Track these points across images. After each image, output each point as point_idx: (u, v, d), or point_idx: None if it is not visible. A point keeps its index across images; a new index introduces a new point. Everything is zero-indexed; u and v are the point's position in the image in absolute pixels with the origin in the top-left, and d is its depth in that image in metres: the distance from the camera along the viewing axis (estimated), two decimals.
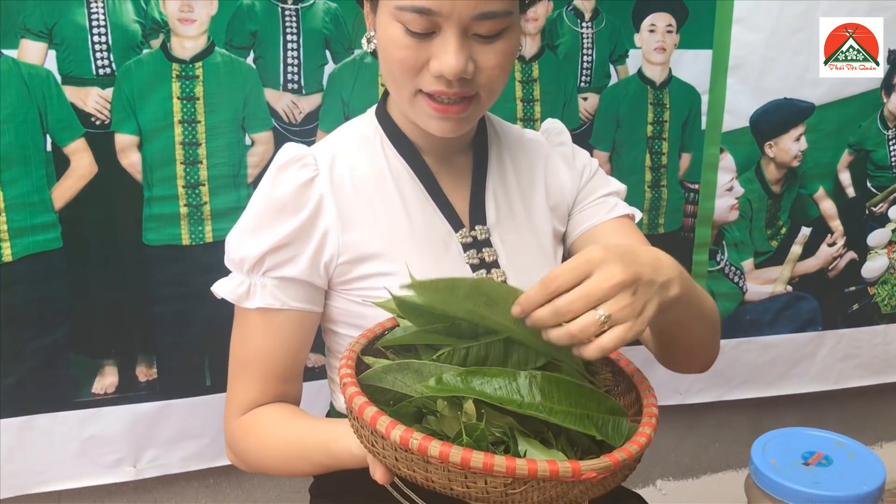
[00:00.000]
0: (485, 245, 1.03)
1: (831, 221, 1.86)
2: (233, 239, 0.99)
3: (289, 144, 1.00)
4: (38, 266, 1.35)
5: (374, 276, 0.98)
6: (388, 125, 1.03)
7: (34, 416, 1.40)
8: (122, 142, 1.35)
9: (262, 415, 1.00)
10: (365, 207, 0.99)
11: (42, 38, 1.28)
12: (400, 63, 0.89)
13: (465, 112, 0.92)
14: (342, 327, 1.02)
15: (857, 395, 2.08)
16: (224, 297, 0.99)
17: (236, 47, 1.38)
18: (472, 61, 0.89)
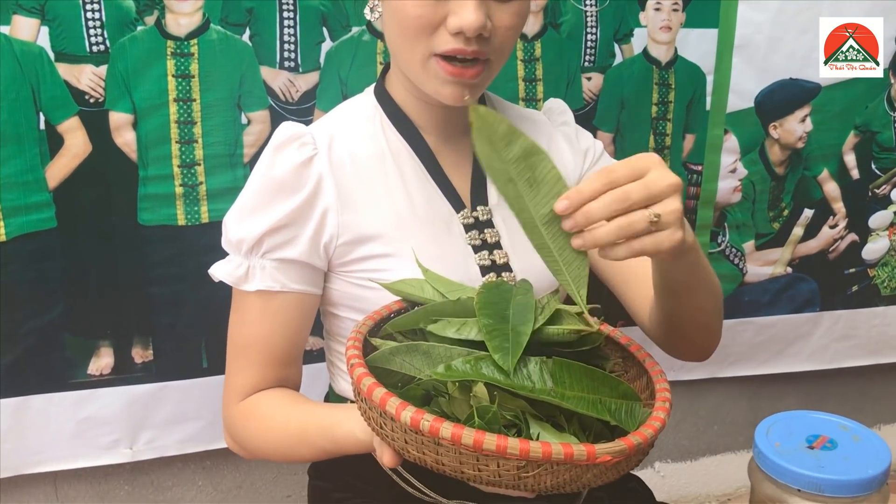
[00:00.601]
0: (486, 226, 1.01)
1: (834, 203, 1.84)
2: (230, 220, 0.97)
3: (286, 123, 0.98)
4: (32, 246, 1.33)
5: (374, 257, 0.96)
6: (387, 104, 1.02)
7: (29, 397, 1.39)
8: (116, 120, 1.33)
9: (262, 400, 0.99)
10: (365, 187, 0.97)
11: (34, 13, 1.25)
12: (416, 20, 0.87)
13: (478, 77, 0.91)
14: (342, 310, 1.01)
15: (857, 376, 2.08)
16: (222, 279, 0.98)
17: (232, 24, 1.35)
18: (490, 20, 0.87)
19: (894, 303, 1.99)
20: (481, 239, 1.00)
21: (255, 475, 1.65)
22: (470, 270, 0.98)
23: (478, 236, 1.00)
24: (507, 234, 1.02)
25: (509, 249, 1.01)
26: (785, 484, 0.93)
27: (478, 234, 1.00)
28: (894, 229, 1.92)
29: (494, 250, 1.00)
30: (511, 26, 0.90)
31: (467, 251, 0.99)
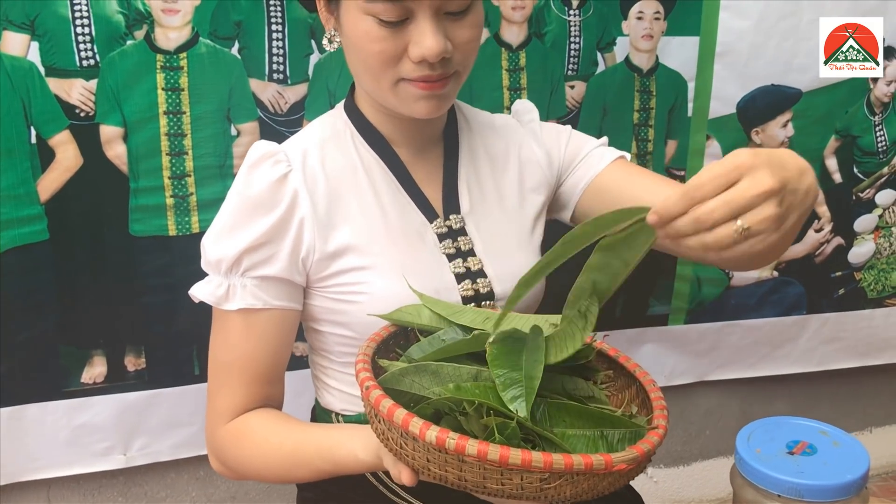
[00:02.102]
0: (460, 234, 1.03)
1: (818, 207, 1.86)
2: (208, 241, 0.97)
3: (259, 142, 0.98)
4: (25, 258, 1.35)
5: (350, 270, 0.97)
6: (357, 119, 1.03)
7: (24, 406, 1.41)
8: (107, 133, 1.35)
9: (252, 421, 0.99)
10: (338, 202, 0.98)
11: (24, 29, 1.28)
12: (378, 55, 0.88)
13: (447, 87, 0.93)
14: (324, 325, 1.02)
15: (847, 380, 2.10)
16: (203, 300, 0.97)
17: (221, 38, 1.37)
18: (448, 40, 0.89)
19: (881, 305, 2.01)
20: (455, 247, 1.01)
21: (248, 485, 1.67)
22: (445, 279, 0.99)
23: (451, 245, 1.01)
24: (480, 241, 1.03)
25: (483, 256, 1.02)
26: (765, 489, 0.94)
27: (451, 242, 1.02)
28: (879, 233, 1.94)
29: (468, 258, 1.01)
30: (470, 39, 0.92)
31: (442, 260, 1.00)
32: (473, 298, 1.00)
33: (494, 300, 1.01)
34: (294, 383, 1.42)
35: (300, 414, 1.22)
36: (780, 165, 0.68)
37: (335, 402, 1.06)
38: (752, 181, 0.66)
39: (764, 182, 0.66)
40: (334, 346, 1.03)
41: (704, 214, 0.65)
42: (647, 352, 1.87)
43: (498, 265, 1.03)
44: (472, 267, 1.01)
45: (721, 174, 0.66)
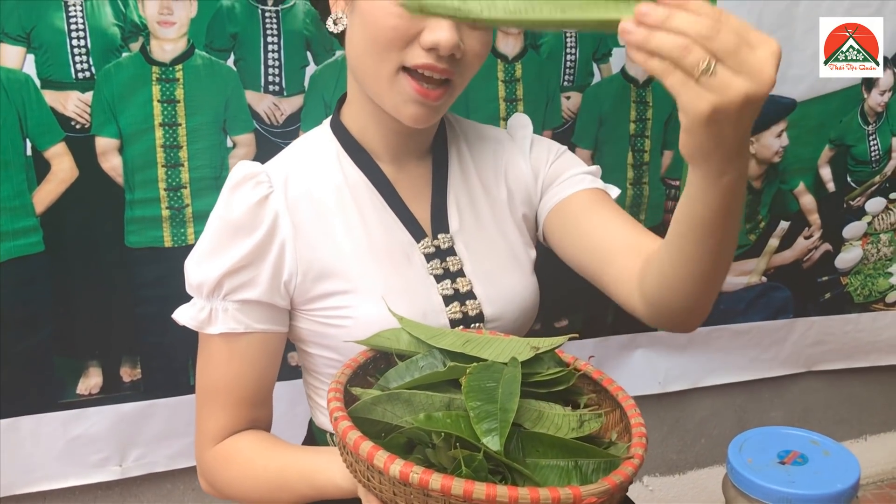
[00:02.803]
0: (448, 254, 1.01)
1: (810, 215, 1.88)
2: (190, 264, 0.97)
3: (242, 163, 0.98)
4: (20, 270, 1.34)
5: (335, 294, 0.96)
6: (343, 136, 1.02)
7: (19, 419, 1.41)
8: (102, 145, 1.35)
9: (238, 444, 0.99)
10: (322, 223, 0.97)
11: (20, 42, 1.27)
12: (390, 31, 0.87)
13: (441, 99, 0.92)
14: (313, 347, 1.01)
15: (842, 388, 2.12)
16: (185, 324, 0.97)
17: (216, 49, 1.37)
18: (462, 42, 0.88)
19: (867, 310, 2.04)
20: (443, 268, 1.00)
21: None
22: (433, 301, 0.98)
23: (440, 265, 1.00)
24: (469, 260, 1.02)
25: (472, 276, 1.01)
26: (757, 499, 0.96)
27: (439, 262, 1.00)
28: (868, 239, 1.96)
29: (458, 278, 1.00)
30: (479, 54, 0.91)
31: (429, 282, 0.99)
32: (462, 321, 0.99)
33: (484, 322, 1.00)
34: (290, 393, 1.44)
35: (296, 424, 1.23)
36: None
37: (328, 422, 1.06)
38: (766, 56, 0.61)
39: (770, 67, 0.61)
40: (323, 367, 1.03)
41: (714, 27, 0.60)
42: (639, 357, 1.88)
43: (488, 286, 1.01)
44: (460, 288, 0.99)
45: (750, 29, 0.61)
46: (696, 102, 0.61)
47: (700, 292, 0.86)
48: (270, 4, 1.38)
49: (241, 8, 1.36)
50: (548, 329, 1.75)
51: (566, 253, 1.08)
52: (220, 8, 1.35)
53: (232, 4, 1.35)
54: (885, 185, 1.91)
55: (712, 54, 0.60)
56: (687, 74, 0.61)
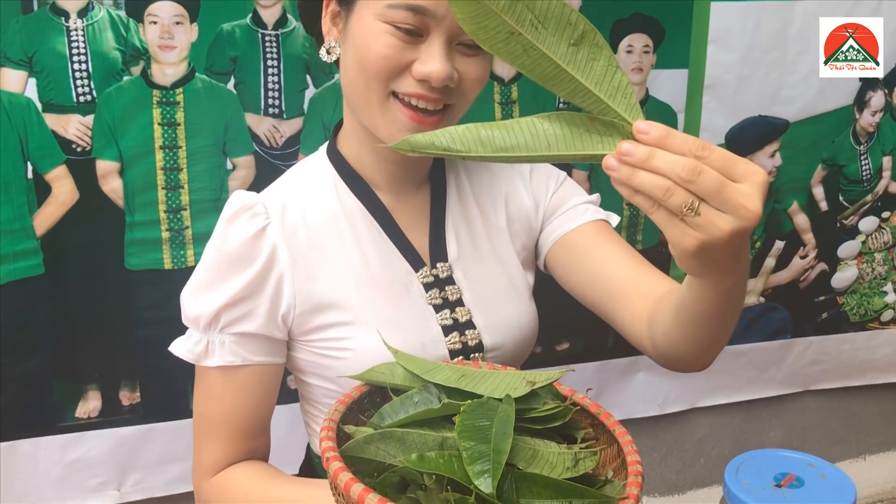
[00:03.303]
0: (447, 283, 0.99)
1: (804, 235, 1.89)
2: (186, 296, 0.95)
3: (237, 193, 0.96)
4: (20, 292, 1.35)
5: (333, 325, 0.95)
6: (339, 163, 1.00)
7: (17, 442, 1.40)
8: (103, 168, 1.36)
9: (235, 475, 0.97)
10: (320, 254, 0.95)
11: (22, 66, 1.28)
12: (382, 60, 0.85)
13: (438, 125, 0.87)
14: (311, 378, 1.00)
15: (841, 408, 2.12)
16: (182, 357, 0.96)
17: (217, 73, 1.38)
18: (456, 71, 0.87)
19: (863, 329, 2.05)
20: (442, 297, 0.98)
21: None
22: (431, 331, 0.96)
23: (438, 295, 0.98)
24: (468, 290, 1.00)
25: (471, 306, 0.99)
26: None
27: (438, 292, 0.98)
28: (862, 258, 1.97)
29: (456, 308, 0.98)
30: (477, 79, 0.89)
31: (428, 312, 0.97)
32: (461, 351, 0.97)
33: (484, 352, 0.99)
34: (289, 416, 1.43)
35: (294, 448, 1.22)
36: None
37: None
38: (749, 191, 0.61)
39: (755, 202, 0.61)
40: (322, 397, 1.01)
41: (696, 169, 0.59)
42: (640, 380, 1.89)
43: (487, 315, 1.00)
44: (459, 318, 0.98)
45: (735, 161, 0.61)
46: (682, 239, 0.62)
47: (706, 350, 0.91)
48: (270, 29, 1.39)
49: (241, 32, 1.38)
50: (549, 352, 1.76)
51: (572, 287, 1.07)
52: (220, 32, 1.37)
53: (232, 29, 1.37)
54: (878, 205, 1.92)
55: (695, 195, 0.60)
56: (672, 213, 0.61)
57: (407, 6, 0.83)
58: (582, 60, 0.61)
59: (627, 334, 1.01)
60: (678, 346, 0.90)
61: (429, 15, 0.83)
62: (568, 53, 0.61)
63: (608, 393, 1.85)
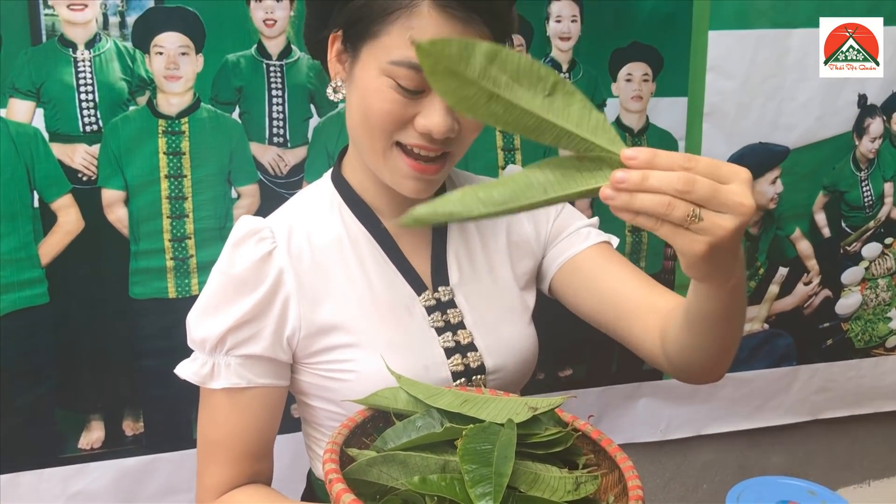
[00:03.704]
0: (449, 306, 1.01)
1: (807, 261, 1.89)
2: (192, 319, 0.97)
3: (244, 218, 0.98)
4: (24, 321, 1.35)
5: (337, 347, 0.96)
6: (344, 189, 1.02)
7: (19, 474, 1.39)
8: (108, 197, 1.37)
9: (239, 498, 0.97)
10: (325, 278, 0.97)
11: (30, 96, 1.30)
12: (385, 115, 0.88)
13: (439, 173, 0.93)
14: (314, 400, 1.01)
15: (843, 433, 2.11)
16: (187, 378, 0.97)
17: (222, 103, 1.40)
18: (457, 122, 0.89)
19: (868, 355, 2.04)
20: (444, 320, 1.00)
21: None
22: (434, 353, 0.98)
23: (440, 318, 1.00)
24: (469, 313, 1.02)
25: (473, 328, 1.01)
26: None
27: (440, 315, 1.00)
28: (866, 284, 1.97)
29: (458, 330, 1.00)
30: (476, 128, 0.92)
31: (430, 334, 0.99)
32: (464, 373, 0.98)
33: (486, 374, 1.00)
34: (291, 445, 1.42)
35: (296, 477, 1.21)
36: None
37: None
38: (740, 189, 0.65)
39: (747, 196, 0.65)
40: (325, 420, 1.02)
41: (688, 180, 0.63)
42: (643, 406, 1.88)
43: (489, 338, 1.01)
44: (461, 340, 0.99)
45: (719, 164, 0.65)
46: (692, 246, 0.65)
47: (718, 357, 0.93)
48: (275, 59, 1.41)
49: (246, 63, 1.39)
50: (552, 379, 1.75)
51: (582, 309, 1.09)
52: (225, 62, 1.38)
53: (237, 59, 1.39)
54: (880, 231, 1.93)
55: (695, 203, 0.63)
56: (676, 225, 0.64)
57: (410, 64, 0.85)
58: (559, 108, 0.64)
59: (641, 350, 1.03)
60: (691, 355, 0.92)
61: None
62: (545, 104, 0.64)
63: (610, 418, 1.85)
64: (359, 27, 0.89)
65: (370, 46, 0.88)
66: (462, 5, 0.84)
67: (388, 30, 0.86)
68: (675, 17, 1.65)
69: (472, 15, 0.85)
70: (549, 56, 1.60)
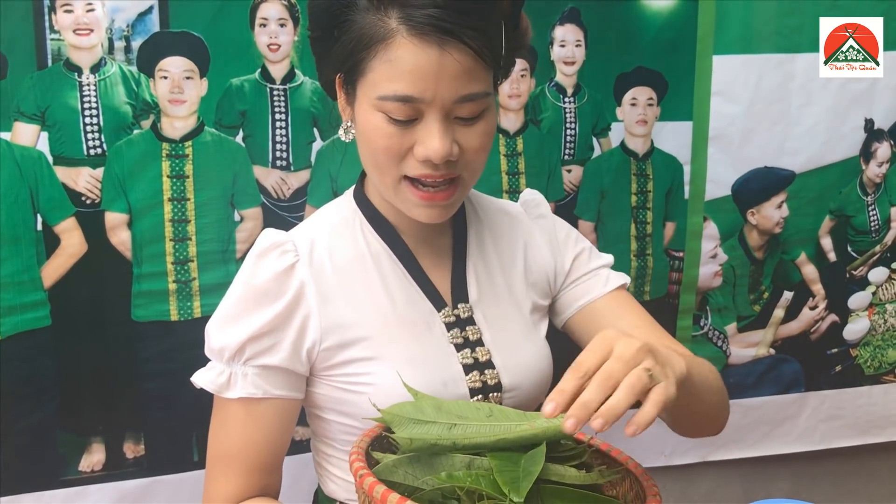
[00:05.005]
0: (468, 323, 1.02)
1: (813, 285, 1.88)
2: (212, 328, 0.97)
3: (268, 230, 1.00)
4: (27, 344, 1.35)
5: (357, 361, 0.97)
6: (366, 207, 1.03)
7: (20, 496, 1.39)
8: (112, 220, 1.37)
9: None
10: (346, 292, 0.98)
11: (35, 120, 1.31)
12: (385, 151, 0.90)
13: (451, 198, 0.93)
14: (328, 413, 1.01)
15: (848, 458, 2.08)
16: (204, 387, 0.97)
17: (226, 126, 1.41)
18: (457, 144, 0.90)
19: (878, 382, 2.01)
20: (463, 337, 1.01)
21: None
22: (453, 370, 0.99)
23: (459, 334, 1.01)
24: (488, 331, 1.03)
25: (491, 346, 1.02)
26: None
27: (459, 332, 1.01)
28: (874, 310, 1.95)
29: (477, 347, 1.01)
30: (479, 147, 0.92)
31: (449, 350, 1.00)
32: (481, 390, 0.99)
33: (502, 392, 1.01)
34: (293, 468, 1.41)
35: (299, 499, 1.21)
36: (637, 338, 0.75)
37: (339, 490, 1.05)
38: (625, 343, 0.73)
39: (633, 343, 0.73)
40: (338, 434, 1.02)
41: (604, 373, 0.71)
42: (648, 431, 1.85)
43: (506, 356, 1.02)
44: (480, 357, 1.00)
45: (594, 349, 0.73)
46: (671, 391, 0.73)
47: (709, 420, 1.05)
48: (279, 83, 1.42)
49: (250, 87, 1.40)
50: None
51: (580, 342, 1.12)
52: (229, 87, 1.39)
53: (241, 83, 1.40)
54: (887, 255, 1.91)
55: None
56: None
57: (395, 97, 0.86)
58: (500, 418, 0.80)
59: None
60: (685, 431, 1.07)
61: (418, 101, 0.87)
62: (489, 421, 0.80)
63: (614, 441, 1.82)
64: (349, 66, 0.91)
65: (361, 84, 0.90)
66: (436, 29, 0.84)
67: (371, 65, 0.87)
68: (680, 42, 1.65)
69: (447, 38, 0.85)
70: (553, 80, 1.60)
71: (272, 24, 1.40)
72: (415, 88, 0.85)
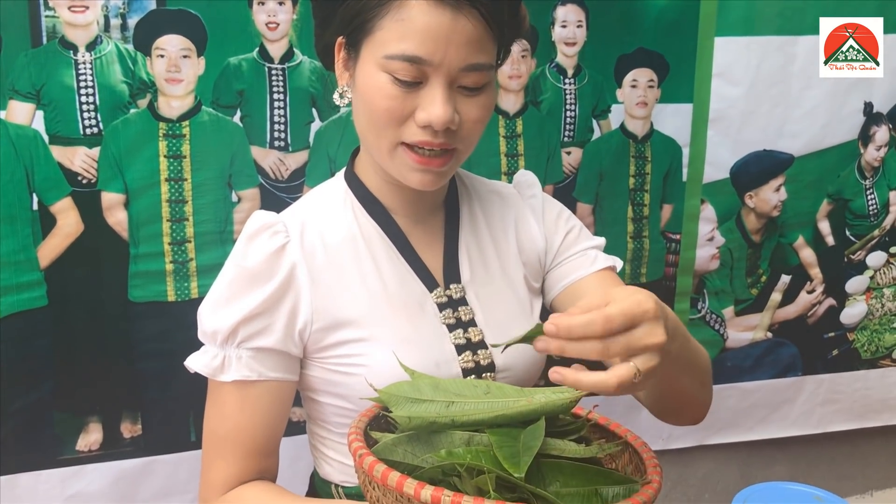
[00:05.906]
0: (460, 303, 1.02)
1: (811, 269, 1.88)
2: (205, 311, 0.96)
3: (258, 212, 0.99)
4: (23, 324, 1.35)
5: (349, 342, 0.97)
6: (357, 188, 1.03)
7: (17, 475, 1.39)
8: (108, 200, 1.36)
9: (245, 494, 0.97)
10: (337, 273, 0.98)
11: (30, 98, 1.29)
12: (385, 112, 0.89)
13: (445, 165, 0.93)
14: (322, 395, 1.01)
15: (845, 442, 2.09)
16: (198, 371, 0.97)
17: (223, 106, 1.39)
18: (457, 113, 0.89)
19: (875, 366, 2.02)
20: (455, 317, 1.00)
21: None
22: (445, 350, 0.98)
23: (452, 315, 1.00)
24: (480, 311, 1.03)
25: (484, 327, 1.02)
26: None
27: (451, 312, 1.00)
28: (871, 294, 1.96)
29: (469, 328, 1.00)
30: (478, 119, 0.92)
31: (442, 331, 0.99)
32: (474, 370, 0.99)
33: (495, 372, 1.00)
34: (291, 449, 1.42)
35: (297, 480, 1.21)
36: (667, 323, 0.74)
37: (334, 473, 1.05)
38: (650, 329, 0.72)
39: (658, 335, 0.72)
40: (332, 416, 1.02)
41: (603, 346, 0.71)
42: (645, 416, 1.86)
43: (499, 336, 1.01)
44: (472, 338, 1.00)
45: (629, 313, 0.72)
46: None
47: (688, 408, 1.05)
48: (277, 63, 1.41)
49: (248, 66, 1.39)
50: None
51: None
52: (227, 66, 1.38)
53: (239, 63, 1.38)
54: (885, 240, 1.92)
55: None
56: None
57: (404, 56, 0.86)
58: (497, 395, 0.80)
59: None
60: (666, 416, 1.07)
61: (426, 63, 0.86)
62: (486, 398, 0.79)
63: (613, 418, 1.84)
64: (356, 25, 0.90)
65: (367, 44, 0.89)
66: None
67: (381, 24, 0.87)
68: (681, 23, 1.64)
69: (463, 2, 0.85)
70: (554, 61, 1.59)
71: (270, 2, 1.39)
72: (425, 49, 0.85)
